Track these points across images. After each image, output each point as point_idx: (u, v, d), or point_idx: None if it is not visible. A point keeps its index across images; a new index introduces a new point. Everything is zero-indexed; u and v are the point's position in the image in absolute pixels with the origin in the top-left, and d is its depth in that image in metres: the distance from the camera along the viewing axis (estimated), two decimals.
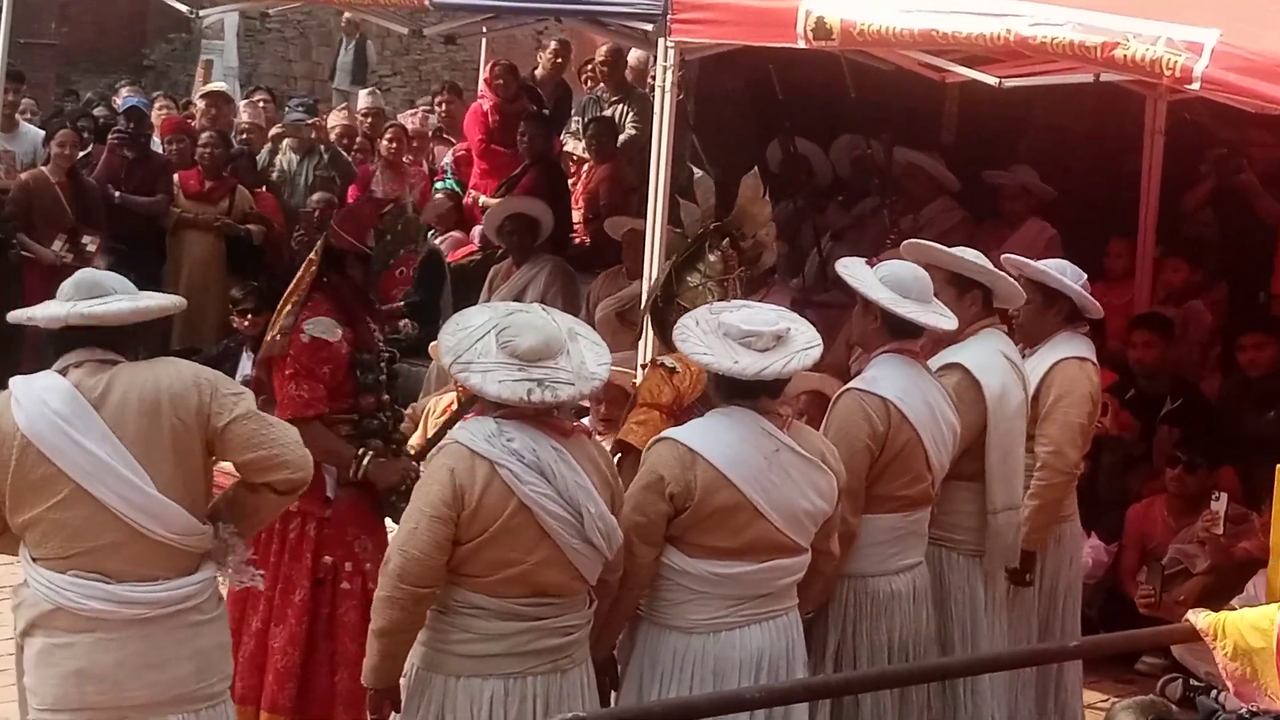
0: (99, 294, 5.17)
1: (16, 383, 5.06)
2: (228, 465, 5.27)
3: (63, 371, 5.10)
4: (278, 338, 6.48)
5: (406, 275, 6.78)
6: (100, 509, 4.94)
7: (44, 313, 5.16)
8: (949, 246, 6.92)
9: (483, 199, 12.74)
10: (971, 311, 6.74)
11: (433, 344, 10.22)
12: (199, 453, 5.11)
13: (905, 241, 7.01)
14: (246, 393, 5.25)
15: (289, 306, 6.57)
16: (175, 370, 5.17)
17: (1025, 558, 6.92)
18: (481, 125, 13.25)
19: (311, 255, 6.81)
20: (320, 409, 6.41)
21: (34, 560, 4.97)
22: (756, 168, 7.17)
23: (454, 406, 9.87)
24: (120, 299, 5.18)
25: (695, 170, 7.32)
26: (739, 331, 5.63)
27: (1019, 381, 6.77)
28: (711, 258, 6.86)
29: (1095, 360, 7.32)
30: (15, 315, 5.36)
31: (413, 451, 10.01)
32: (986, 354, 6.70)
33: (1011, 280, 6.87)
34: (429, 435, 7.50)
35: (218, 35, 24.05)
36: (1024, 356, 7.04)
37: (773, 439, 5.65)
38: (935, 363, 6.75)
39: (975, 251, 6.94)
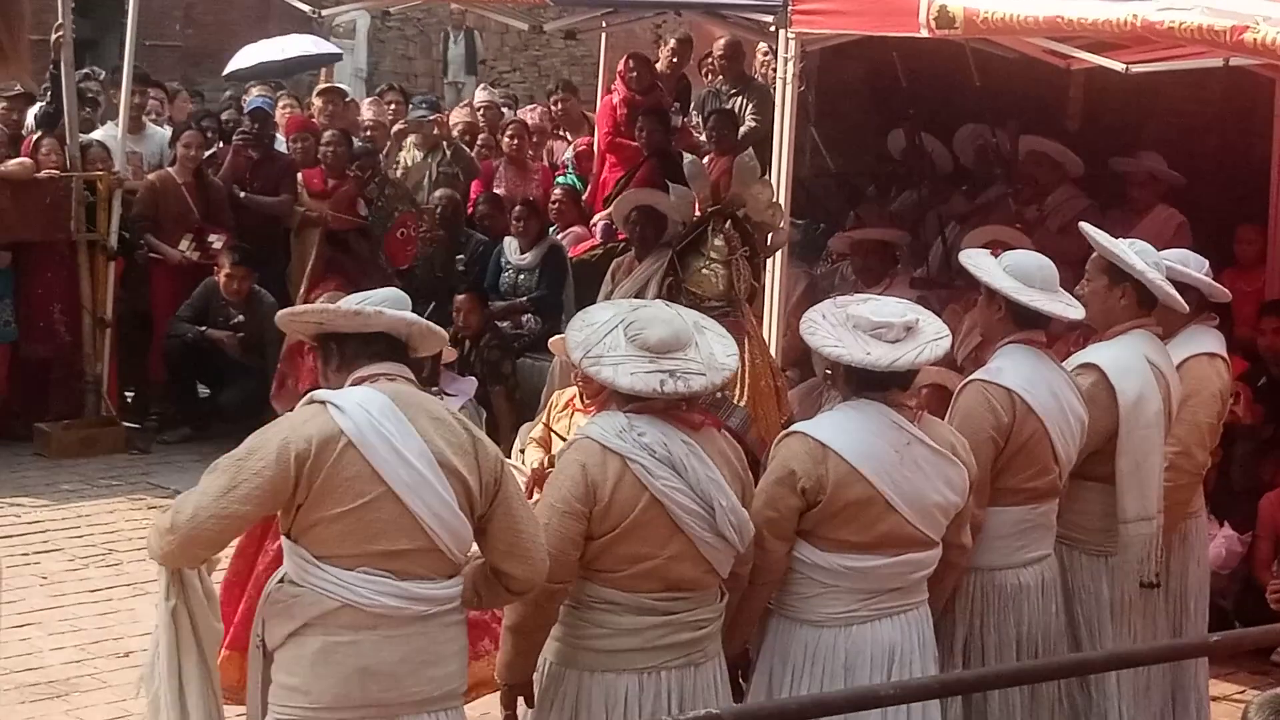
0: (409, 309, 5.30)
1: (325, 393, 5.09)
2: None
3: (360, 383, 5.14)
4: None
5: (409, 236, 6.90)
6: (405, 515, 4.94)
7: (391, 315, 5.18)
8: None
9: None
10: (1121, 305, 6.59)
11: (553, 339, 10.33)
12: (474, 495, 5.09)
13: (1081, 225, 6.88)
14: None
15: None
16: (460, 415, 5.29)
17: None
18: (610, 118, 13.26)
19: (318, 255, 6.99)
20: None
21: (319, 559, 4.97)
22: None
23: (575, 402, 10.00)
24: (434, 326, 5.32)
25: (685, 155, 7.41)
26: (869, 323, 5.61)
27: (1160, 388, 6.57)
28: (717, 242, 6.98)
29: (1225, 354, 7.17)
30: (354, 300, 5.33)
31: (535, 444, 10.12)
32: (1128, 356, 6.54)
33: (1166, 285, 6.59)
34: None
35: (348, 35, 24.22)
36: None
37: (904, 432, 5.62)
38: (1075, 360, 6.67)
39: (1146, 248, 6.74)
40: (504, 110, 15.74)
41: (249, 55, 16.75)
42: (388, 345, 5.18)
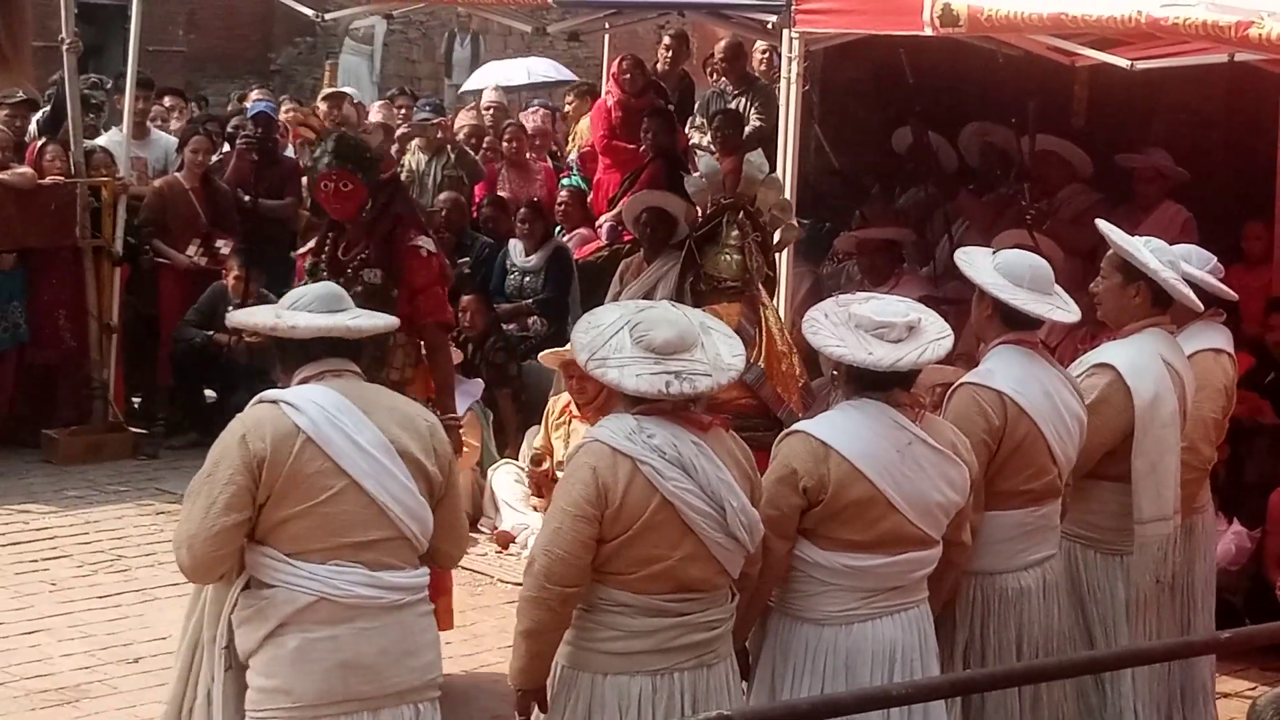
0: (341, 306, 5.38)
1: (280, 394, 5.20)
2: None
3: (309, 381, 5.25)
4: None
5: (332, 190, 7.19)
6: (370, 506, 5.07)
7: (295, 321, 5.28)
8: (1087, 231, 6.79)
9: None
10: (1135, 303, 6.59)
11: (543, 353, 10.33)
12: (434, 480, 5.27)
13: (1098, 222, 6.86)
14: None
15: None
16: (412, 403, 5.48)
17: None
18: (605, 121, 13.26)
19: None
20: None
21: (290, 556, 5.05)
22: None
23: (571, 409, 10.02)
24: (367, 314, 5.44)
25: (699, 152, 7.69)
26: (871, 323, 5.61)
27: (1175, 388, 6.57)
28: (732, 232, 7.35)
29: (1232, 350, 7.16)
30: (239, 318, 5.58)
31: (541, 453, 10.15)
32: (1143, 356, 6.54)
33: (1180, 285, 6.58)
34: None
35: (366, 41, 24.22)
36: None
37: (905, 431, 5.62)
38: (1089, 359, 6.66)
39: (1161, 246, 6.72)
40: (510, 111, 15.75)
41: (489, 75, 16.84)
42: (328, 343, 5.29)
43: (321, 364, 5.27)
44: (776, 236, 7.70)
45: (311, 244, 7.73)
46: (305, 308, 5.31)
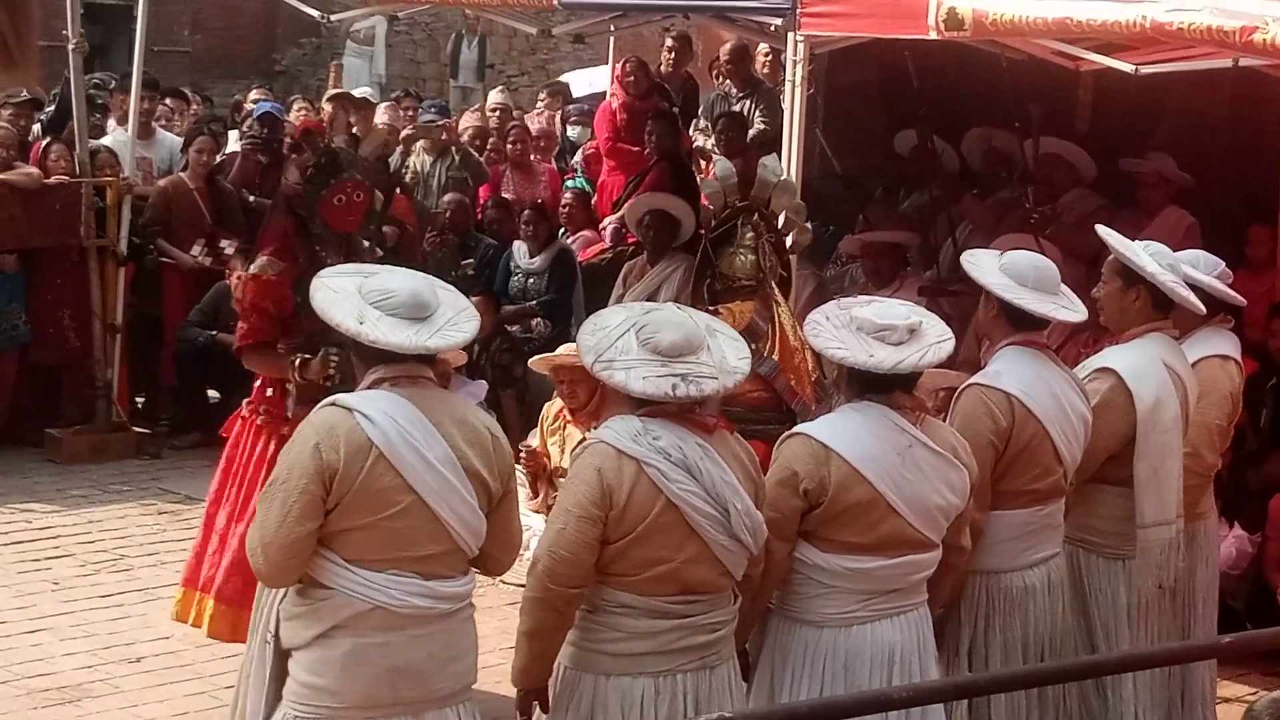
0: (424, 314, 5.22)
1: (352, 400, 5.12)
2: None
3: (380, 385, 5.18)
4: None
5: (346, 203, 7.15)
6: (433, 521, 5.05)
7: (377, 335, 5.13)
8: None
9: None
10: (1136, 307, 6.61)
11: (534, 359, 10.32)
12: (494, 493, 5.25)
13: (1098, 226, 6.87)
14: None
15: None
16: (479, 413, 5.39)
17: None
18: (609, 123, 13.27)
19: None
20: (261, 336, 7.05)
21: (349, 562, 5.04)
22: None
23: (565, 414, 10.02)
24: (448, 328, 5.25)
25: (715, 155, 7.75)
26: (873, 325, 5.63)
27: (1178, 392, 6.57)
28: (746, 232, 7.42)
29: (1239, 356, 7.16)
30: (320, 304, 5.26)
31: (534, 449, 10.13)
32: (1145, 361, 6.55)
33: (1180, 288, 6.58)
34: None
35: (367, 42, 24.24)
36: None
37: (906, 434, 5.64)
38: (1092, 363, 6.67)
39: (1163, 250, 6.73)
40: (516, 113, 15.77)
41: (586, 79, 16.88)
42: None
43: (397, 368, 5.18)
44: (790, 239, 7.75)
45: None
46: (390, 311, 5.16)
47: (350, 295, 5.24)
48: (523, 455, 10.21)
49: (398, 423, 5.03)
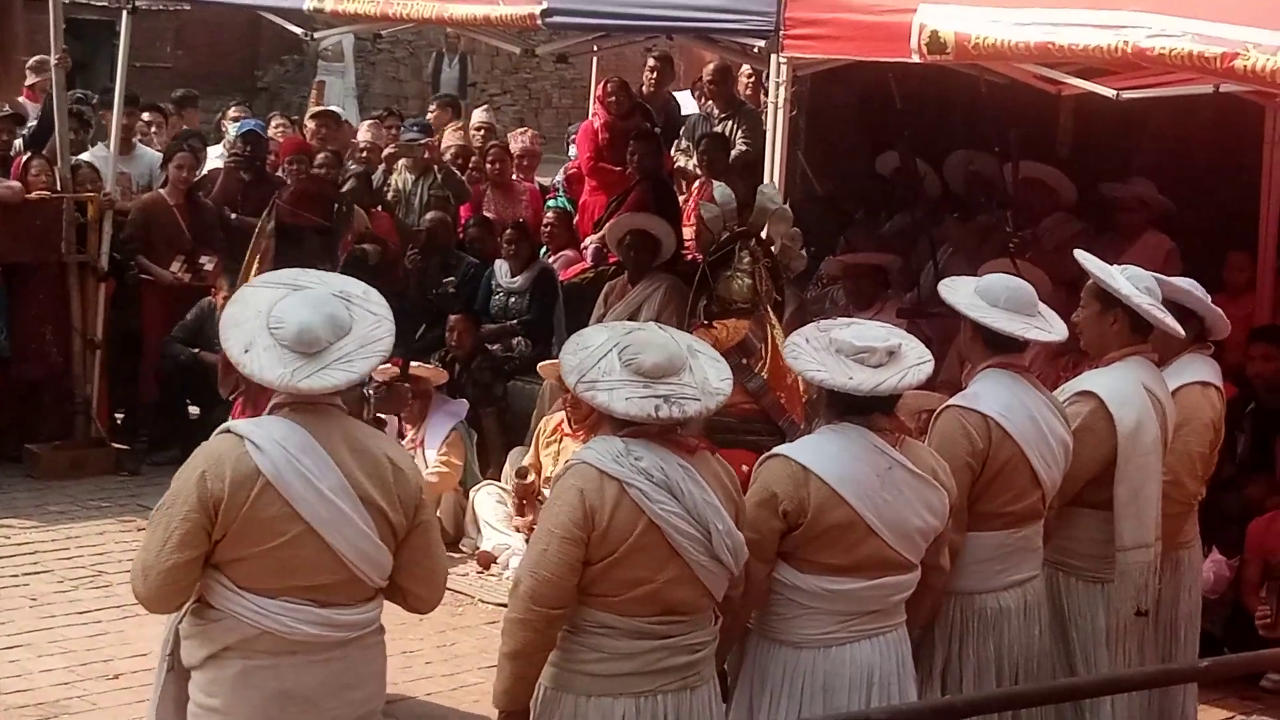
0: (316, 348, 4.98)
1: (244, 427, 5.04)
2: None
3: (279, 410, 5.05)
4: None
5: (349, 241, 7.19)
6: (325, 551, 4.96)
7: (254, 368, 4.97)
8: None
9: None
10: (1114, 330, 6.63)
11: (542, 364, 10.36)
12: (397, 525, 5.10)
13: (1075, 251, 6.89)
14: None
15: None
16: (381, 440, 5.23)
17: None
18: (591, 143, 13.29)
19: (260, 235, 7.19)
20: None
21: (240, 588, 4.99)
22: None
23: (564, 428, 10.02)
24: (346, 365, 5.01)
25: (714, 181, 7.75)
26: (852, 348, 5.64)
27: (1158, 416, 6.58)
28: (744, 256, 7.46)
29: (1219, 383, 7.17)
30: (231, 343, 5.07)
31: (526, 467, 10.18)
32: (1125, 384, 6.56)
33: (1157, 310, 6.58)
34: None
35: (337, 58, 24.26)
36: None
37: (885, 456, 5.64)
38: (1071, 386, 6.69)
39: (1143, 274, 6.74)
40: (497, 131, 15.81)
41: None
42: None
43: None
44: (785, 265, 7.81)
45: None
46: (280, 341, 4.99)
47: (256, 315, 5.07)
48: (514, 481, 10.24)
49: (288, 451, 4.93)
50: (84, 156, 12.66)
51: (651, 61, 14.25)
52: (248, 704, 5.03)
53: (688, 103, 14.95)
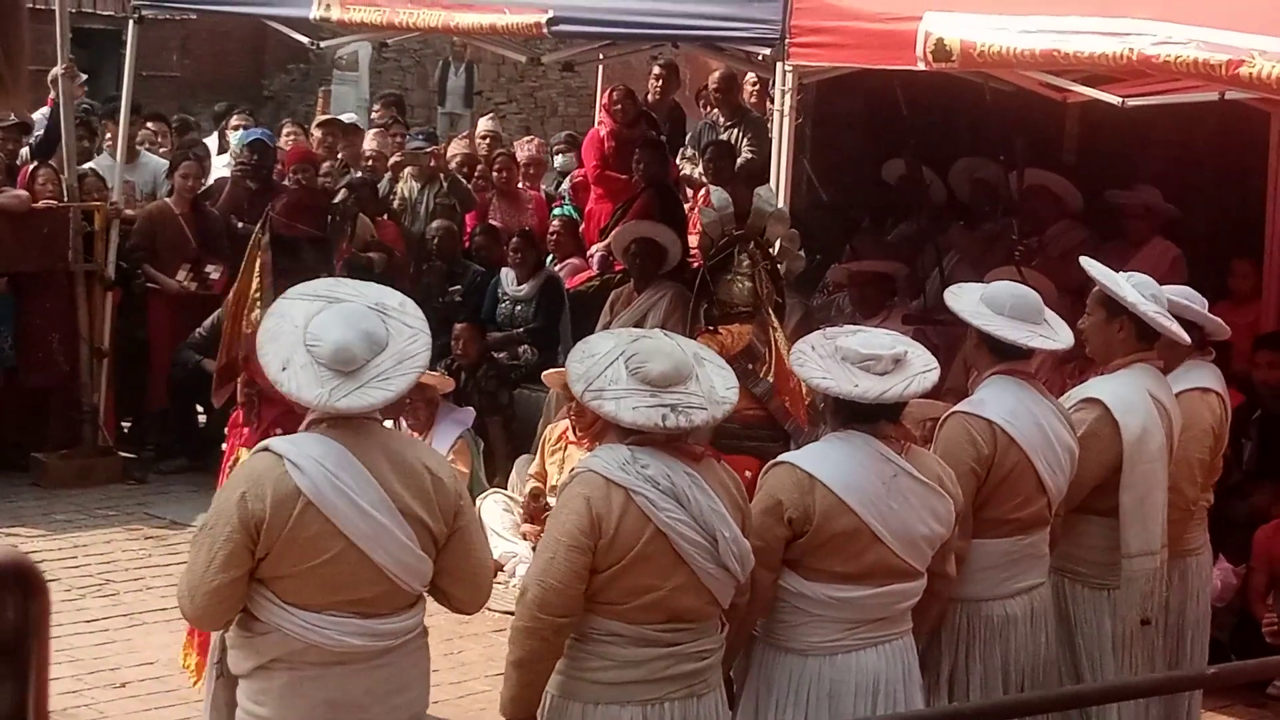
0: (353, 365, 4.97)
1: (282, 445, 5.03)
2: None
3: (318, 427, 5.04)
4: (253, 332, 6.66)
5: (344, 250, 7.17)
6: (368, 566, 4.96)
7: (291, 387, 4.96)
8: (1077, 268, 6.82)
9: None
10: (1120, 338, 6.63)
11: (547, 372, 10.36)
12: (437, 533, 5.11)
13: (1081, 258, 6.90)
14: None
15: (259, 297, 6.88)
16: (417, 448, 5.28)
17: None
18: (597, 151, 13.31)
19: (255, 247, 7.17)
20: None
21: (285, 603, 4.99)
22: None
23: (569, 435, 10.03)
24: (384, 384, 5.00)
25: (710, 185, 7.79)
26: (857, 355, 5.63)
27: (1163, 423, 6.59)
28: (743, 260, 7.49)
29: (1222, 389, 7.17)
30: (269, 359, 5.04)
31: (541, 488, 10.18)
32: (1131, 391, 6.57)
33: (1163, 318, 6.57)
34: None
35: (351, 67, 24.25)
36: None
37: (891, 464, 5.64)
38: (1078, 394, 6.69)
39: (1146, 281, 6.73)
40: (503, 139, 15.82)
41: None
42: None
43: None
44: (784, 267, 7.83)
45: None
46: (317, 359, 4.98)
47: (293, 329, 5.07)
48: (526, 500, 10.25)
49: (327, 469, 4.93)
50: (90, 165, 12.68)
51: (657, 70, 14.26)
52: (296, 712, 5.04)
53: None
